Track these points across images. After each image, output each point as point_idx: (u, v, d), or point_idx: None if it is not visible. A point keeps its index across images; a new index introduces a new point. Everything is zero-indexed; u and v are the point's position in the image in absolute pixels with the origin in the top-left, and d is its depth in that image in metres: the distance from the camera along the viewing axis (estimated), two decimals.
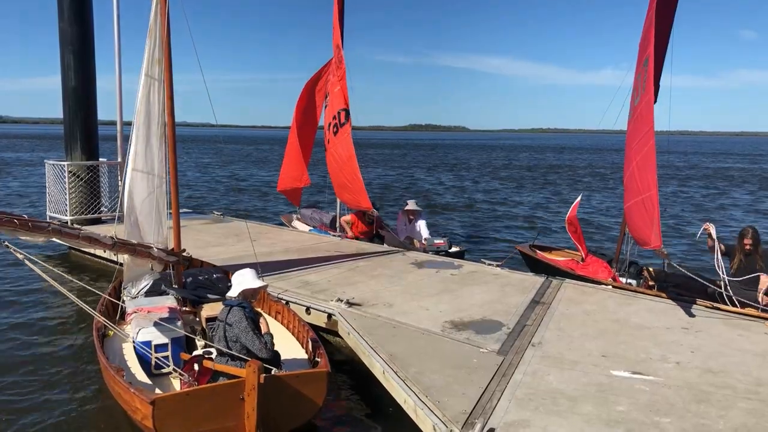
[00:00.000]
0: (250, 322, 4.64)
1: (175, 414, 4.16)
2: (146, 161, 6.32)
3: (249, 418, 4.23)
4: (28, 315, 7.86)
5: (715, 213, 20.72)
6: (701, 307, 6.94)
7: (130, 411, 4.51)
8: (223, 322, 4.69)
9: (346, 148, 9.96)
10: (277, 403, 4.37)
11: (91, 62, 11.92)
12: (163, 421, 4.13)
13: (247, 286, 4.86)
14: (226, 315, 4.71)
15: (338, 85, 10.20)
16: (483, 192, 26.92)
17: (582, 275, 8.42)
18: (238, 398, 4.21)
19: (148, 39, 6.10)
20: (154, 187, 6.40)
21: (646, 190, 6.78)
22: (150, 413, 4.08)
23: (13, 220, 4.50)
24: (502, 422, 4.15)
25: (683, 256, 13.10)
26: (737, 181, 35.20)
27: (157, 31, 6.10)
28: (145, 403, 4.12)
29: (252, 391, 4.15)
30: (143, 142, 6.26)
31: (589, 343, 5.74)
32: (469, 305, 6.89)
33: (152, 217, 6.42)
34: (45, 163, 12.52)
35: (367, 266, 8.74)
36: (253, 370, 4.11)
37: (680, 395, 4.63)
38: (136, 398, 4.28)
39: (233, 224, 12.41)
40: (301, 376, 4.60)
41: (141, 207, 6.37)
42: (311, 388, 4.58)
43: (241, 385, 4.20)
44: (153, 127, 6.30)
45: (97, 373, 5.96)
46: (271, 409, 4.31)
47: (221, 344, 4.66)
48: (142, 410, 4.21)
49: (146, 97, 6.21)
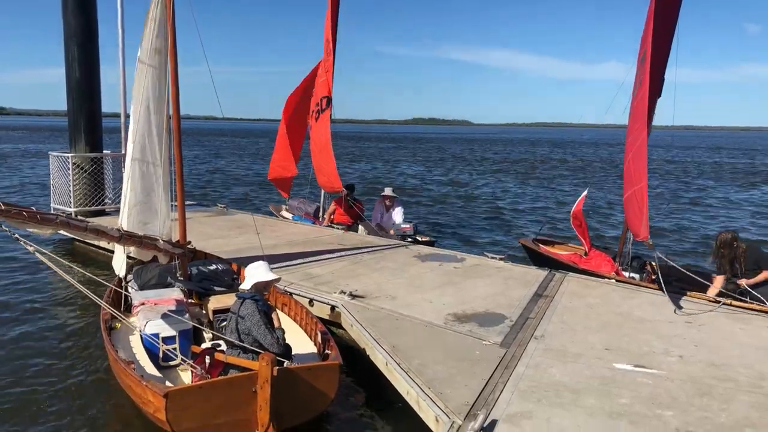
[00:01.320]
0: (263, 316, 4.65)
1: (189, 407, 4.18)
2: (146, 151, 6.30)
3: (261, 411, 4.24)
4: (32, 306, 7.91)
5: (720, 210, 20.69)
6: (704, 301, 6.94)
7: (142, 404, 4.52)
8: (236, 314, 4.70)
9: (324, 134, 10.53)
10: (290, 396, 4.39)
11: (95, 54, 11.91)
12: (176, 413, 4.14)
13: (259, 279, 4.84)
14: (239, 307, 4.72)
15: (324, 76, 10.82)
16: (483, 186, 26.90)
17: (585, 269, 8.42)
18: (250, 391, 4.22)
19: (147, 26, 6.07)
20: (157, 177, 6.39)
21: (637, 182, 6.88)
22: (163, 406, 4.09)
23: (22, 212, 4.49)
24: (505, 414, 4.17)
25: (688, 251, 13.11)
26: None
27: (157, 19, 6.07)
28: (158, 396, 4.12)
29: (265, 384, 4.16)
30: (143, 132, 6.24)
31: (592, 337, 5.75)
32: (472, 298, 6.90)
33: (154, 208, 6.42)
34: (49, 154, 12.54)
35: (371, 259, 8.75)
36: (266, 363, 4.12)
37: (683, 388, 4.64)
38: (148, 391, 4.29)
39: (237, 217, 12.43)
40: (313, 369, 4.63)
41: (140, 197, 6.36)
42: (323, 380, 4.60)
43: (253, 377, 4.21)
44: (152, 117, 6.26)
45: (102, 364, 6.01)
46: (284, 402, 4.33)
47: (233, 336, 4.66)
48: (155, 403, 4.22)
49: (141, 84, 6.16)
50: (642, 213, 6.67)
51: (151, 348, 5.32)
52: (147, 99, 6.16)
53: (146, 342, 5.36)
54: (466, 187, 26.32)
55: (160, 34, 6.13)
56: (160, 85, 6.24)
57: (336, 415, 5.16)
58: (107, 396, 5.44)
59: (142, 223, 6.38)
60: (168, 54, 6.20)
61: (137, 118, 6.24)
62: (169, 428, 4.20)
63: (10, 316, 7.48)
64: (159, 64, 6.18)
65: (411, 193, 23.13)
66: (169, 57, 6.20)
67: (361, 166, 37.15)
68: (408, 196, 21.58)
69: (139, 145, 6.27)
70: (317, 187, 11.92)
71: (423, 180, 29.07)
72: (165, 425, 4.22)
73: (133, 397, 4.73)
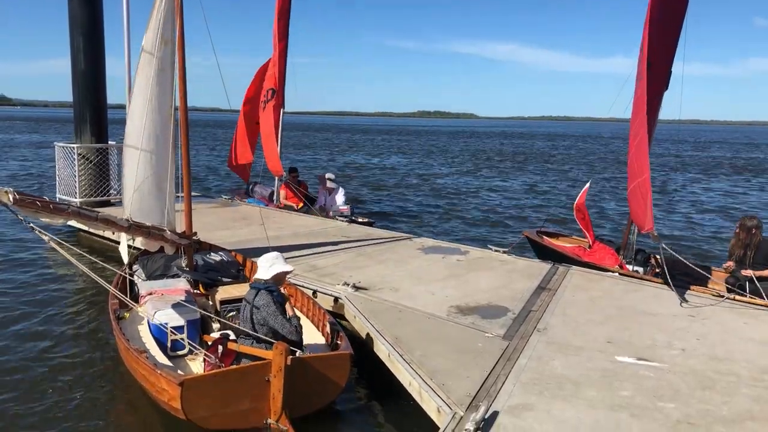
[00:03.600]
0: (279, 306, 4.73)
1: (204, 395, 4.25)
2: (151, 141, 6.30)
3: (275, 399, 4.34)
4: (37, 297, 7.96)
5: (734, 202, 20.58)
6: (708, 295, 6.93)
7: (155, 392, 4.57)
8: (250, 304, 4.76)
9: (268, 123, 11.66)
10: (302, 385, 4.47)
11: (101, 45, 11.94)
12: (191, 402, 4.21)
13: (280, 270, 4.89)
14: (253, 298, 4.78)
15: (272, 69, 11.95)
16: (485, 178, 26.86)
17: (589, 262, 8.41)
18: (264, 379, 4.31)
19: (153, 15, 6.05)
20: (160, 167, 6.40)
21: (640, 174, 6.87)
22: (178, 394, 4.16)
23: (35, 201, 4.60)
24: (507, 405, 4.19)
25: (692, 245, 13.07)
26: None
27: (163, 9, 6.05)
28: (174, 385, 4.18)
29: (279, 373, 4.25)
30: (152, 122, 6.23)
31: (594, 330, 5.76)
32: (475, 290, 6.91)
33: (155, 198, 6.45)
34: (54, 145, 12.59)
35: (374, 251, 8.77)
36: (280, 352, 4.22)
37: (685, 381, 4.65)
38: (162, 380, 4.34)
39: (241, 208, 12.46)
40: (325, 359, 4.73)
41: (142, 187, 6.38)
42: (334, 370, 4.69)
43: (267, 366, 4.30)
44: (155, 105, 6.24)
45: (109, 353, 6.05)
46: (296, 391, 4.41)
47: (247, 326, 4.73)
48: (170, 391, 4.28)
49: (145, 74, 6.13)
50: (646, 205, 6.66)
51: (159, 337, 5.38)
52: (151, 89, 6.15)
53: (155, 331, 5.41)
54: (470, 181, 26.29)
55: (167, 23, 6.12)
56: (165, 75, 6.23)
57: (339, 405, 5.19)
58: (114, 385, 5.50)
59: (146, 213, 6.40)
60: (176, 44, 6.20)
61: (142, 109, 6.23)
62: (183, 416, 4.28)
63: (17, 306, 7.53)
64: (162, 52, 6.17)
65: (399, 184, 23.15)
66: (177, 48, 6.20)
67: (366, 161, 37.18)
68: (403, 188, 21.63)
69: (146, 135, 6.27)
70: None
71: (404, 171, 29.06)
72: (179, 413, 4.30)
73: (146, 386, 4.78)
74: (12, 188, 4.38)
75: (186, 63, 6.32)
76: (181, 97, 6.37)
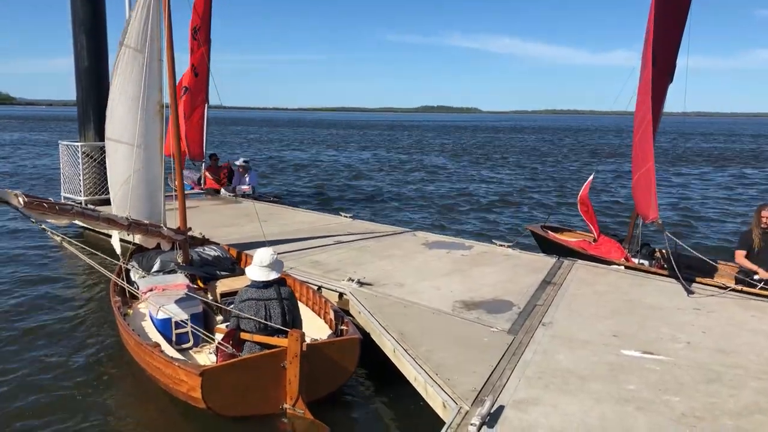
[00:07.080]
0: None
1: (223, 384, 4.40)
2: (139, 136, 6.41)
3: (291, 385, 4.50)
4: (40, 293, 7.99)
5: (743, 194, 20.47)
6: (714, 287, 6.90)
7: (173, 384, 4.66)
8: (277, 299, 4.87)
9: (187, 113, 13.37)
10: (317, 369, 4.63)
11: (104, 42, 11.91)
12: (211, 391, 4.35)
13: (278, 275, 5.01)
14: (278, 292, 4.89)
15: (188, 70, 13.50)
16: (488, 172, 26.81)
17: (594, 255, 8.38)
18: (280, 366, 4.48)
19: (136, 11, 6.11)
20: (149, 163, 6.49)
21: (644, 164, 6.85)
22: (199, 384, 4.29)
23: (42, 203, 4.77)
24: (512, 400, 4.18)
25: (700, 238, 13.01)
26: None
27: (152, 6, 6.12)
28: (194, 375, 4.31)
29: (294, 359, 4.42)
30: (136, 116, 6.32)
31: (600, 323, 5.74)
32: (480, 285, 6.90)
33: (143, 194, 6.53)
34: (59, 144, 12.61)
35: (378, 247, 8.76)
36: (295, 339, 4.39)
37: (690, 375, 4.63)
38: (181, 371, 4.45)
39: (244, 205, 12.46)
40: (337, 344, 4.91)
41: (129, 182, 6.48)
42: (346, 354, 4.89)
43: (282, 353, 4.46)
44: (142, 101, 6.32)
45: (107, 351, 6.08)
46: (311, 375, 4.56)
47: (278, 321, 4.80)
48: (189, 382, 4.39)
49: (129, 70, 6.21)
50: (650, 194, 6.62)
51: (164, 332, 5.48)
52: (137, 85, 6.25)
53: (159, 326, 5.50)
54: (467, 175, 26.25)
55: (153, 19, 6.18)
56: (151, 71, 6.30)
57: (344, 401, 5.21)
58: (126, 378, 5.56)
59: (137, 209, 6.51)
60: (165, 40, 6.29)
61: (126, 104, 6.32)
62: (203, 405, 4.41)
63: (23, 303, 7.56)
64: (147, 47, 6.22)
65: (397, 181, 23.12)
66: (165, 44, 6.30)
67: (363, 156, 37.16)
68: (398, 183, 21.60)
69: (136, 130, 6.38)
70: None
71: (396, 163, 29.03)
72: (199, 402, 4.43)
73: (161, 379, 4.86)
74: (21, 191, 4.54)
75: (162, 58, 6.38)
76: (171, 93, 6.44)
